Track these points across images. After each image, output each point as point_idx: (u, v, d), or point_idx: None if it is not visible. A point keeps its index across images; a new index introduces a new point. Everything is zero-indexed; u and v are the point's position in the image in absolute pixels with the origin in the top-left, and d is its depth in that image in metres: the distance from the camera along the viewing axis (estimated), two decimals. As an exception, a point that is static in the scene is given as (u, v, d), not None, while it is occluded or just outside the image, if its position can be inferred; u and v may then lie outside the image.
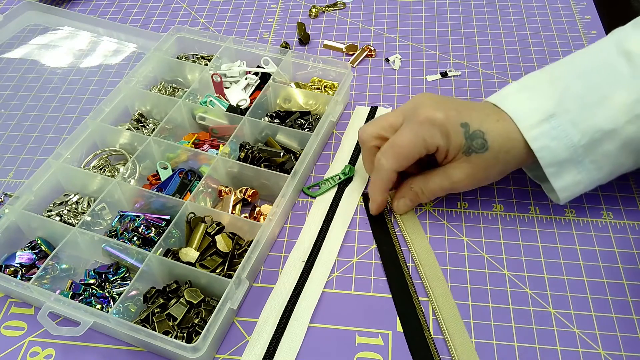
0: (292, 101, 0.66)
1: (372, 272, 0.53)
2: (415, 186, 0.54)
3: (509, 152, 0.50)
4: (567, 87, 0.50)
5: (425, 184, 0.54)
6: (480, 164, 0.51)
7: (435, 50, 0.75)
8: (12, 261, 0.52)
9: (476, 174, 0.52)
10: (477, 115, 0.51)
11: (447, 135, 0.50)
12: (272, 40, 0.78)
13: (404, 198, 0.55)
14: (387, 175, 0.52)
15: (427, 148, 0.51)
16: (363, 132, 0.55)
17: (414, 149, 0.51)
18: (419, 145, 0.50)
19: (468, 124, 0.50)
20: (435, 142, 0.50)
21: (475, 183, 0.53)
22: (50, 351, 0.48)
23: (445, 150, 0.51)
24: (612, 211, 0.57)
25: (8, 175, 0.62)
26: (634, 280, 0.51)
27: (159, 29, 0.80)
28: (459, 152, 0.51)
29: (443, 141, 0.50)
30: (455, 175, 0.52)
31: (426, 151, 0.51)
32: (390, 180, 0.53)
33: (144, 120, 0.64)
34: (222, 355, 0.47)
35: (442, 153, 0.51)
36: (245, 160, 0.58)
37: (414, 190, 0.54)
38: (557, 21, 0.79)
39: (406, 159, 0.51)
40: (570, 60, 0.52)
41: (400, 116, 0.53)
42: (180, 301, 0.48)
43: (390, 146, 0.52)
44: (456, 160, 0.51)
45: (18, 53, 0.77)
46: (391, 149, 0.52)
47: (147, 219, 0.53)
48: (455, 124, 0.50)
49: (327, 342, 0.48)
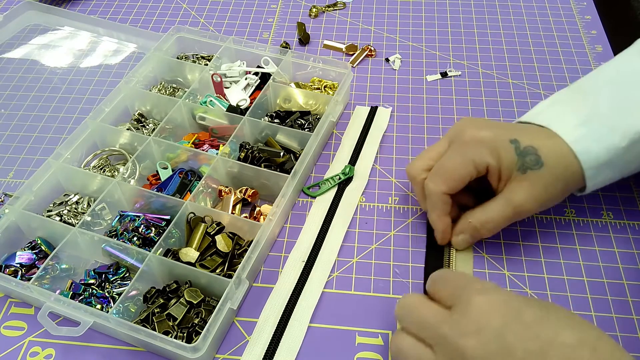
0: (292, 101, 0.66)
1: (372, 272, 0.53)
2: (474, 219, 0.50)
3: (567, 169, 0.47)
4: (599, 94, 0.49)
5: (484, 214, 0.50)
6: (539, 182, 0.47)
7: (435, 50, 0.75)
8: (12, 261, 0.52)
9: (538, 194, 0.48)
10: (526, 133, 0.49)
11: (497, 152, 0.48)
12: (272, 40, 0.78)
13: (463, 234, 0.51)
14: (438, 199, 0.49)
15: (476, 168, 0.48)
16: (411, 168, 0.52)
17: (463, 170, 0.48)
18: (467, 166, 0.48)
19: (518, 140, 0.48)
20: (484, 160, 0.48)
21: (539, 205, 0.49)
22: (50, 351, 0.48)
23: (498, 171, 0.48)
24: (612, 211, 0.57)
25: (8, 175, 0.62)
26: (634, 280, 0.51)
27: (159, 29, 0.80)
28: (512, 170, 0.48)
29: (493, 159, 0.48)
30: (515, 198, 0.48)
31: (476, 172, 0.48)
32: (443, 203, 0.50)
33: (144, 120, 0.64)
34: (222, 355, 0.47)
35: (495, 174, 0.49)
36: (245, 160, 0.58)
37: (473, 224, 0.50)
38: (557, 21, 0.79)
39: (455, 181, 0.49)
40: (596, 73, 0.52)
41: (445, 143, 0.51)
42: (180, 301, 0.48)
43: (436, 170, 0.50)
44: (513, 181, 0.48)
45: (18, 53, 0.77)
46: (437, 172, 0.50)
47: (147, 219, 0.53)
48: (504, 141, 0.48)
49: (327, 342, 0.48)
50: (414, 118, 0.66)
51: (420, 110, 0.67)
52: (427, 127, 0.65)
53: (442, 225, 0.51)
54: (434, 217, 0.51)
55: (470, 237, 0.51)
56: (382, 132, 0.64)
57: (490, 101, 0.68)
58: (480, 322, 0.37)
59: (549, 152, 0.47)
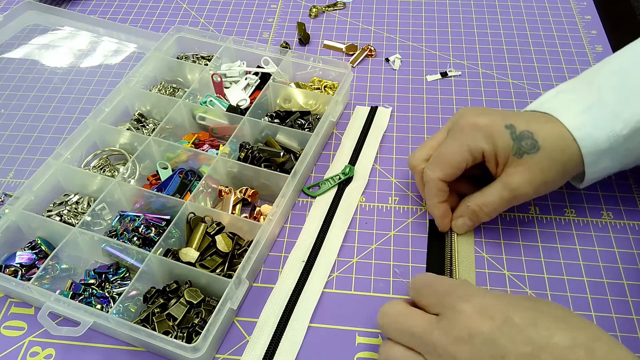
0: (292, 101, 0.66)
1: (372, 272, 0.53)
2: (472, 203, 0.52)
3: (564, 152, 0.48)
4: (604, 83, 0.49)
5: (482, 197, 0.51)
6: (535, 166, 0.48)
7: (435, 50, 0.75)
8: (12, 261, 0.52)
9: (534, 177, 0.49)
10: (522, 118, 0.49)
11: (492, 138, 0.49)
12: (272, 40, 0.78)
13: (462, 217, 0.53)
14: (434, 185, 0.51)
15: (471, 154, 0.49)
16: (412, 158, 0.54)
17: (459, 156, 0.50)
18: (463, 152, 0.49)
19: (513, 125, 0.49)
20: (478, 145, 0.49)
21: (535, 188, 0.49)
22: (50, 351, 0.48)
23: (494, 156, 0.49)
24: (612, 211, 0.57)
25: (8, 175, 0.62)
26: (634, 280, 0.51)
27: (159, 29, 0.80)
28: (509, 155, 0.49)
29: (487, 145, 0.49)
30: (512, 181, 0.49)
31: (472, 158, 0.50)
32: (439, 190, 0.51)
33: (144, 120, 0.64)
34: (222, 355, 0.47)
35: (492, 160, 0.50)
36: (245, 160, 0.58)
37: (471, 208, 0.52)
38: (557, 21, 0.79)
39: (451, 167, 0.50)
40: (602, 64, 0.52)
41: (444, 132, 0.52)
42: (180, 301, 0.48)
43: (434, 157, 0.51)
44: (510, 166, 0.49)
45: (18, 53, 0.77)
46: (435, 160, 0.51)
47: (147, 219, 0.53)
48: (499, 126, 0.49)
49: (327, 342, 0.48)
50: (414, 118, 0.66)
51: (420, 110, 0.67)
52: (427, 127, 0.65)
53: (440, 212, 0.53)
54: (432, 204, 0.52)
55: (469, 221, 0.52)
56: (382, 132, 0.64)
57: (490, 101, 0.68)
58: (470, 328, 0.37)
59: (546, 135, 0.48)
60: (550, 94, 0.52)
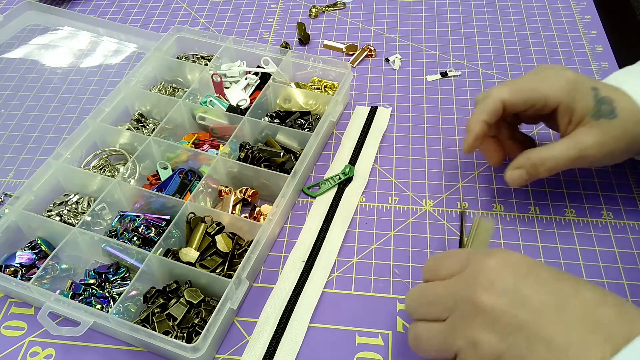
0: (292, 101, 0.66)
1: (372, 272, 0.53)
2: (534, 155, 0.49)
3: (638, 125, 0.48)
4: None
5: (547, 152, 0.49)
6: (609, 132, 0.48)
7: (435, 50, 0.75)
8: (12, 261, 0.52)
9: (606, 142, 0.48)
10: (604, 86, 0.49)
11: (574, 94, 0.48)
12: (272, 40, 0.78)
13: (520, 169, 0.50)
14: (493, 102, 0.49)
15: (546, 99, 0.49)
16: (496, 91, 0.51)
17: (535, 93, 0.49)
18: (541, 90, 0.49)
19: (598, 88, 0.49)
20: (558, 96, 0.48)
21: (603, 154, 0.48)
22: (50, 351, 0.48)
23: (569, 112, 0.49)
24: (612, 211, 0.57)
25: (8, 175, 0.62)
26: (634, 280, 0.51)
27: (159, 29, 0.80)
28: (586, 115, 0.48)
29: (568, 99, 0.48)
30: (583, 140, 0.48)
31: (544, 102, 0.49)
32: (494, 110, 0.50)
33: (144, 120, 0.64)
34: (222, 355, 0.47)
35: (566, 115, 0.49)
36: (245, 160, 0.58)
37: (532, 160, 0.49)
38: (557, 21, 0.79)
39: (520, 92, 0.49)
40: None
41: None
42: (180, 301, 0.48)
43: (510, 81, 0.51)
44: (584, 126, 0.48)
45: (18, 53, 0.77)
46: (508, 83, 0.51)
47: (147, 219, 0.53)
48: (585, 85, 0.49)
49: (327, 342, 0.48)
50: (414, 118, 0.66)
51: (420, 110, 0.67)
52: (427, 127, 0.65)
53: (477, 130, 0.50)
54: (476, 119, 0.50)
55: (526, 174, 0.50)
56: (382, 132, 0.64)
57: (490, 101, 0.68)
58: (493, 278, 0.36)
59: (624, 106, 0.48)
60: (619, 72, 0.53)
